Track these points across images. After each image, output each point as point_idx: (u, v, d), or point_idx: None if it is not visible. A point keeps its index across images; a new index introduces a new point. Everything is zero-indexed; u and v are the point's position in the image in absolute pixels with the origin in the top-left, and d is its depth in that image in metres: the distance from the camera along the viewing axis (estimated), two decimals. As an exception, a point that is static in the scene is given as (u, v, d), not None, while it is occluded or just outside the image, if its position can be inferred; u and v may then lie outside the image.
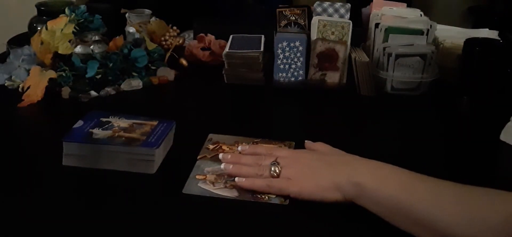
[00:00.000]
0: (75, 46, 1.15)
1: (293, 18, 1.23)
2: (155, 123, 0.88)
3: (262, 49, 1.18)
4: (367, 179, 0.67)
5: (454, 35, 1.20)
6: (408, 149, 0.92)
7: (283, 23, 1.23)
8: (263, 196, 0.75)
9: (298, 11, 1.23)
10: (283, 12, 1.23)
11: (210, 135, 0.92)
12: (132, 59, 1.17)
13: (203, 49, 1.29)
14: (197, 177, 0.80)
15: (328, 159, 0.76)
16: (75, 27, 1.19)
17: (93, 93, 1.09)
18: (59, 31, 1.16)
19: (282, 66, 1.14)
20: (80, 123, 0.87)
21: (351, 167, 0.71)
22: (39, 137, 0.95)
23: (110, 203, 0.74)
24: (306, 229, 0.70)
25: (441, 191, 0.64)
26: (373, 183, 0.67)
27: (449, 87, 1.11)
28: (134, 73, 1.16)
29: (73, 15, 1.21)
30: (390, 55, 1.10)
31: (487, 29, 1.23)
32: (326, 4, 1.21)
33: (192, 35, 1.43)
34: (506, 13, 2.02)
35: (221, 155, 0.82)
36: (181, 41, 1.35)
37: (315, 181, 0.72)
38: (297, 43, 1.12)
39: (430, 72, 1.11)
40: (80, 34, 1.19)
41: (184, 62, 1.27)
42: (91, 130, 0.85)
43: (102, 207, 0.74)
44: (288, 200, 0.74)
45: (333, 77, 1.14)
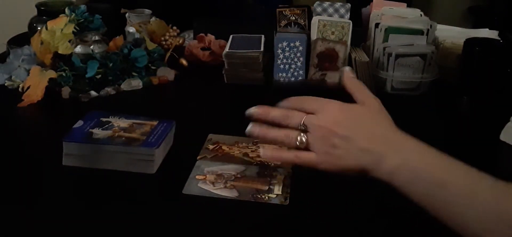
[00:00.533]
0: (75, 46, 1.15)
1: (293, 18, 1.23)
2: (155, 123, 0.88)
3: (262, 49, 1.18)
4: (411, 157, 0.67)
5: (454, 35, 1.20)
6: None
7: (283, 23, 1.23)
8: (263, 196, 0.75)
9: (298, 11, 1.23)
10: (283, 12, 1.23)
11: (210, 135, 0.92)
12: (132, 59, 1.17)
13: (203, 49, 1.29)
14: (197, 177, 0.80)
15: (374, 126, 0.72)
16: (75, 27, 1.19)
17: (93, 93, 1.09)
18: (59, 31, 1.16)
19: (282, 66, 1.14)
20: (80, 123, 0.87)
21: (398, 145, 0.70)
22: (39, 137, 0.95)
23: (110, 203, 0.74)
24: (306, 229, 0.70)
25: (478, 177, 0.65)
26: (415, 162, 0.66)
27: (449, 87, 1.11)
28: (134, 73, 1.16)
29: (73, 15, 1.21)
30: (390, 55, 1.10)
31: (487, 29, 1.23)
32: (326, 4, 1.21)
33: (192, 35, 1.43)
34: (506, 13, 2.02)
35: (249, 110, 0.75)
36: (181, 41, 1.35)
37: (344, 163, 0.66)
38: (297, 43, 1.12)
39: (430, 72, 1.12)
40: (80, 34, 1.19)
41: (184, 62, 1.27)
42: (91, 129, 0.85)
43: (102, 207, 0.74)
44: (288, 200, 0.74)
45: (333, 77, 1.14)
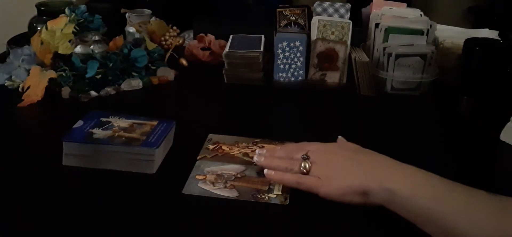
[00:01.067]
0: (75, 46, 1.15)
1: (293, 18, 1.23)
2: (155, 122, 0.88)
3: (262, 49, 1.18)
4: (399, 186, 0.65)
5: (454, 35, 1.20)
6: (408, 149, 0.92)
7: (283, 23, 1.23)
8: (263, 196, 0.75)
9: (298, 11, 1.23)
10: (283, 12, 1.23)
11: (210, 135, 0.92)
12: (132, 59, 1.17)
13: (203, 49, 1.29)
14: (197, 177, 0.80)
15: (360, 158, 0.73)
16: (75, 27, 1.19)
17: (93, 93, 1.09)
18: (59, 31, 1.16)
19: (282, 66, 1.14)
20: (80, 123, 0.87)
21: (383, 170, 0.69)
22: (39, 136, 0.95)
23: (110, 203, 0.74)
24: (306, 229, 0.70)
25: (475, 204, 0.62)
26: (406, 190, 0.65)
27: (449, 87, 1.11)
28: (134, 73, 1.16)
29: (73, 15, 1.21)
30: (390, 55, 1.10)
31: (487, 29, 1.23)
32: (326, 4, 1.21)
33: (192, 35, 1.43)
34: (506, 13, 2.01)
35: (257, 151, 0.81)
36: (181, 41, 1.35)
37: (345, 183, 0.70)
38: (297, 43, 1.12)
39: (430, 72, 1.12)
40: (80, 34, 1.19)
41: (184, 62, 1.27)
42: (91, 129, 0.85)
43: (102, 207, 0.74)
44: (288, 200, 0.74)
45: (333, 77, 1.14)
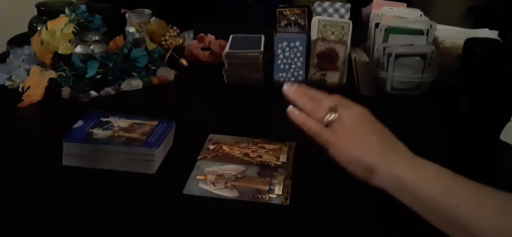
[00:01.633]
0: (75, 46, 1.15)
1: (293, 18, 1.23)
2: (155, 123, 0.88)
3: (262, 49, 1.18)
4: (408, 174, 0.65)
5: (454, 35, 1.20)
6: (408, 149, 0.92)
7: (283, 23, 1.23)
8: (263, 196, 0.75)
9: (298, 11, 1.23)
10: (283, 12, 1.23)
11: (210, 135, 0.92)
12: (132, 59, 1.17)
13: (203, 49, 1.29)
14: (197, 177, 0.80)
15: (381, 137, 0.70)
16: (75, 27, 1.19)
17: (93, 93, 1.09)
18: (59, 31, 1.16)
19: (282, 66, 1.14)
20: (80, 123, 0.87)
21: (396, 157, 0.68)
22: (39, 137, 0.95)
23: (110, 203, 0.74)
24: (306, 229, 0.70)
25: (483, 198, 0.62)
26: (413, 179, 0.64)
27: (449, 87, 1.11)
28: (134, 73, 1.16)
29: (73, 15, 1.21)
30: (390, 55, 1.10)
31: (487, 29, 1.23)
32: (326, 4, 1.21)
33: (192, 35, 1.43)
34: (506, 13, 2.02)
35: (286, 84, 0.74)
36: (181, 41, 1.35)
37: (356, 154, 0.67)
38: (297, 43, 1.12)
39: (430, 72, 1.12)
40: (80, 34, 1.19)
41: (184, 62, 1.27)
42: (91, 130, 0.85)
43: (102, 207, 0.74)
44: (288, 200, 0.74)
45: (333, 77, 1.14)
